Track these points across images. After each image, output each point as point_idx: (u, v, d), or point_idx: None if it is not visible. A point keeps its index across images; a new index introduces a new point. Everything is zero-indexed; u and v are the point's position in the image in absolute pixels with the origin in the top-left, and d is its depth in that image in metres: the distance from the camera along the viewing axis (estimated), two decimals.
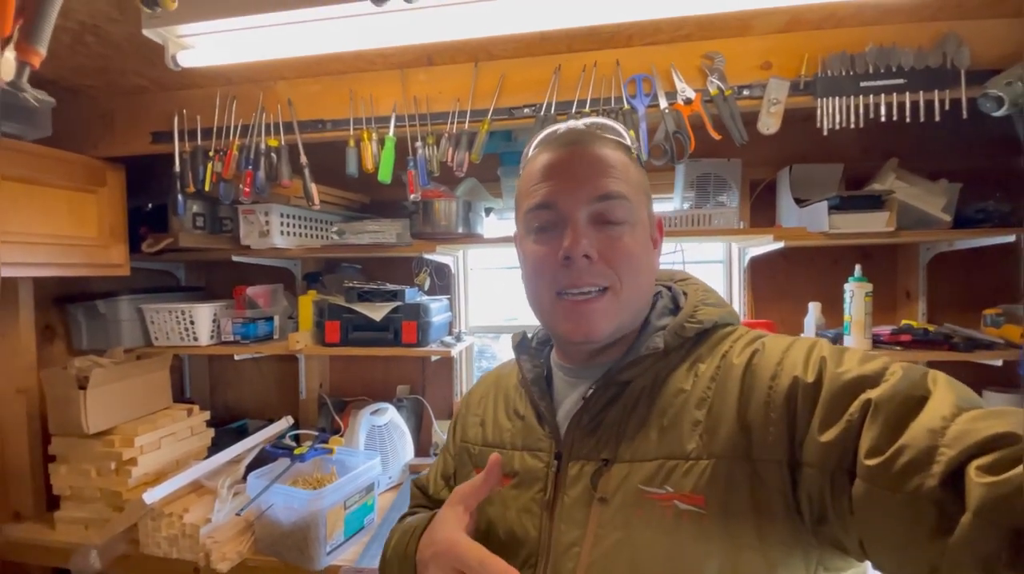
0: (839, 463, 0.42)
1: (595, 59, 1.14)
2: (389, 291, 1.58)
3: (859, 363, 0.46)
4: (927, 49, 1.05)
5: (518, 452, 0.61)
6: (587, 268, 0.54)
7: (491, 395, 0.71)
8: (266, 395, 2.05)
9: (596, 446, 0.54)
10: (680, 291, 0.63)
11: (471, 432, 0.69)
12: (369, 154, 1.24)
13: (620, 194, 0.55)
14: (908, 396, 0.41)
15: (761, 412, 0.48)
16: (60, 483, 1.41)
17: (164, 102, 1.35)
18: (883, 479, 0.39)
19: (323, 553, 1.24)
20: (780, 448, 0.46)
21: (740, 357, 0.52)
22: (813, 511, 0.44)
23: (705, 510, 0.47)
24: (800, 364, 0.48)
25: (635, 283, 0.56)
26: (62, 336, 1.67)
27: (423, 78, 1.23)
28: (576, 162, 0.56)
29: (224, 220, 1.67)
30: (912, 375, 0.43)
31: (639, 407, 0.54)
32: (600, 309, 0.55)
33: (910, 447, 0.38)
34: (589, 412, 0.56)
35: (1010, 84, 0.99)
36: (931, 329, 1.39)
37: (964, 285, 1.62)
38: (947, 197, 1.38)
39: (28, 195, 1.25)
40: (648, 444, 0.52)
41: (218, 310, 1.68)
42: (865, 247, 1.65)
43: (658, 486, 0.49)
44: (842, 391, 0.44)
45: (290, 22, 0.95)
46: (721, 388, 0.51)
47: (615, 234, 0.55)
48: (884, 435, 0.40)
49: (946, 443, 0.37)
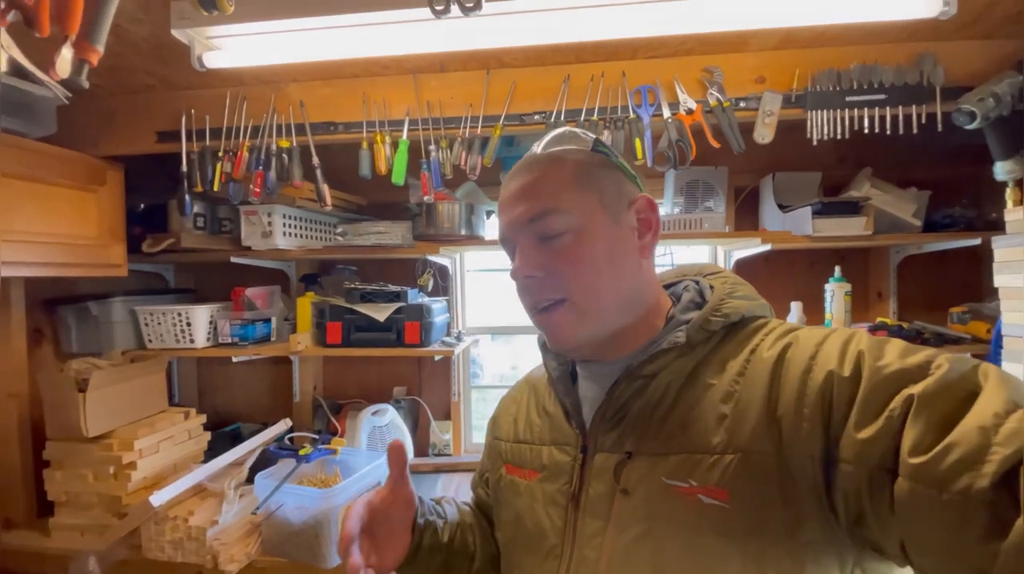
0: (879, 461, 0.41)
1: (603, 70, 1.20)
2: (392, 292, 1.60)
3: (900, 356, 0.44)
4: (905, 67, 1.16)
5: (547, 447, 0.62)
6: (538, 285, 0.56)
7: (525, 394, 0.72)
8: (258, 398, 2.03)
9: (620, 439, 0.55)
10: (707, 285, 0.63)
11: (504, 429, 0.71)
12: (383, 157, 1.27)
13: (548, 210, 0.56)
14: (956, 390, 0.40)
15: (793, 406, 0.46)
16: (55, 489, 1.37)
17: (170, 101, 1.35)
18: (929, 478, 0.37)
19: (334, 551, 1.25)
20: (814, 444, 0.45)
21: (771, 350, 0.51)
22: (849, 511, 0.43)
23: (729, 505, 0.46)
24: (836, 357, 0.47)
25: (595, 287, 0.56)
26: (50, 339, 1.63)
27: (435, 84, 1.27)
28: (515, 190, 0.58)
29: (224, 221, 1.66)
30: (961, 368, 0.41)
31: (664, 401, 0.54)
32: (560, 320, 0.56)
33: (959, 445, 0.37)
34: (613, 405, 0.56)
35: (982, 100, 1.09)
36: (904, 326, 1.50)
37: (931, 285, 1.75)
38: (917, 204, 1.50)
39: (30, 193, 1.23)
40: (673, 437, 0.52)
41: (215, 312, 1.67)
42: (841, 250, 1.76)
43: (682, 479, 0.49)
44: (883, 385, 0.43)
45: (312, 28, 0.98)
46: (750, 382, 0.50)
47: (557, 247, 0.56)
48: (930, 432, 0.39)
49: (999, 441, 0.36)
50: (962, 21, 1.09)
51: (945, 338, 1.49)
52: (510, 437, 0.68)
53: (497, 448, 0.70)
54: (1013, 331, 1.15)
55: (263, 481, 1.31)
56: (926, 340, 1.47)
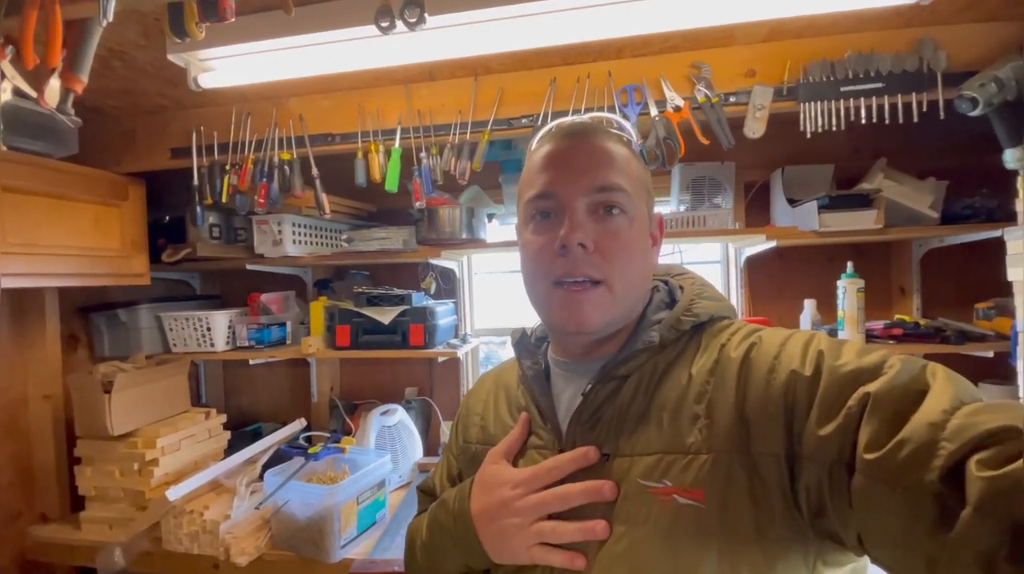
0: (838, 457, 0.42)
1: (588, 71, 1.20)
2: (396, 295, 1.64)
3: (857, 356, 0.46)
4: (904, 54, 1.11)
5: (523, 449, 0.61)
6: (583, 258, 0.54)
7: (492, 394, 0.71)
8: (279, 399, 2.11)
9: (596, 441, 0.55)
10: (677, 286, 0.63)
11: (472, 432, 0.69)
12: (377, 165, 1.31)
13: (619, 186, 0.56)
14: (907, 389, 0.41)
15: (759, 406, 0.48)
16: (85, 484, 1.47)
17: (183, 120, 1.43)
18: (882, 473, 0.39)
19: (337, 546, 1.30)
20: (778, 442, 0.46)
21: (737, 350, 0.52)
22: (811, 505, 0.45)
23: (704, 504, 0.47)
24: (798, 357, 0.48)
25: (629, 277, 0.56)
26: (85, 344, 1.74)
27: (426, 92, 1.30)
28: (577, 152, 0.57)
29: (239, 230, 1.75)
30: (911, 368, 0.43)
31: (637, 401, 0.54)
32: (593, 300, 0.55)
33: (910, 441, 0.38)
34: (588, 408, 0.56)
35: (983, 86, 1.03)
36: (923, 323, 1.43)
37: (957, 280, 1.66)
38: (934, 195, 1.43)
39: (57, 210, 1.33)
40: (647, 438, 0.52)
41: (233, 317, 1.75)
42: (859, 245, 1.70)
43: (657, 480, 0.50)
44: (840, 384, 0.44)
45: (302, 45, 1.02)
46: (720, 382, 0.51)
47: (612, 226, 0.55)
48: (883, 429, 0.40)
49: (946, 437, 0.37)
50: (963, 3, 1.04)
51: (968, 335, 1.41)
52: (482, 439, 0.67)
53: (468, 452, 0.69)
54: None
55: (272, 478, 1.37)
56: (946, 338, 1.39)
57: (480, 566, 0.60)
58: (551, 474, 0.54)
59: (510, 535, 0.55)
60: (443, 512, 0.63)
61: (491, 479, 0.58)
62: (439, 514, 0.64)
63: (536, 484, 0.54)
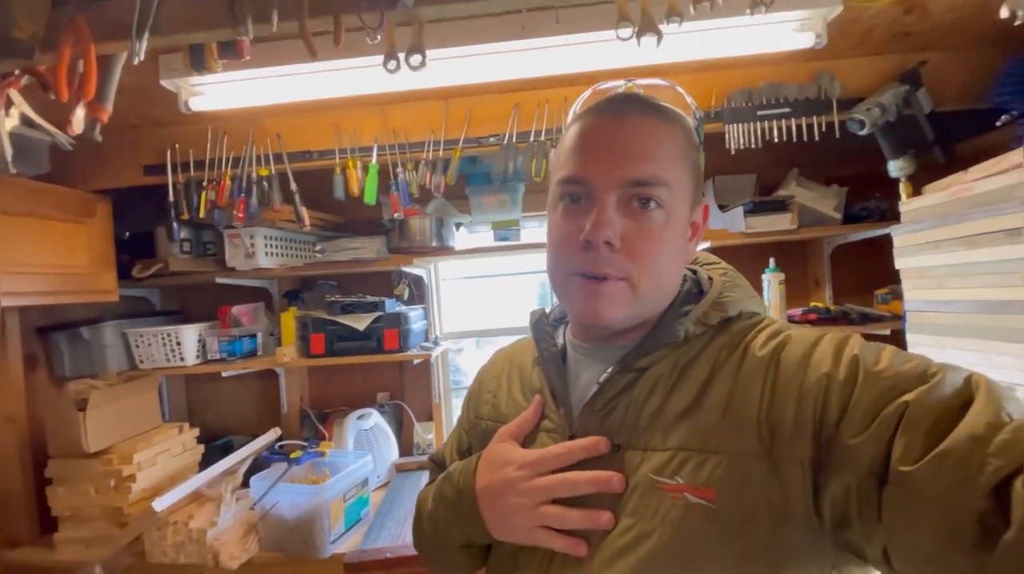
0: (869, 467, 0.40)
1: (547, 96, 1.36)
2: (370, 302, 1.72)
3: (895, 362, 0.44)
4: (807, 83, 1.34)
5: (534, 431, 0.60)
6: (607, 256, 0.51)
7: (505, 372, 0.69)
8: (247, 412, 2.11)
9: (608, 430, 0.53)
10: (705, 276, 0.60)
11: (484, 409, 0.68)
12: (355, 180, 1.40)
13: (659, 179, 0.51)
14: (949, 400, 0.40)
15: (785, 409, 0.46)
16: (59, 505, 1.45)
17: (155, 137, 1.46)
18: (920, 487, 0.37)
19: (328, 542, 1.36)
20: (804, 447, 0.44)
21: (764, 349, 0.50)
22: (835, 515, 0.42)
23: (715, 505, 0.45)
24: (830, 360, 0.46)
25: (656, 278, 0.53)
26: (44, 364, 1.70)
27: (400, 112, 1.41)
28: (617, 135, 0.52)
29: (207, 244, 1.77)
30: (953, 378, 0.41)
31: (655, 395, 0.52)
32: (613, 294, 0.52)
33: (951, 454, 0.37)
34: (603, 397, 0.54)
35: (869, 110, 1.27)
36: (832, 308, 1.68)
37: (860, 271, 1.94)
38: (837, 199, 1.68)
39: (26, 228, 1.33)
40: (662, 433, 0.50)
41: (203, 330, 1.77)
42: (779, 243, 1.94)
43: (669, 477, 0.48)
44: (877, 391, 0.42)
45: (285, 75, 1.11)
46: (744, 381, 0.49)
47: (645, 222, 0.52)
48: (922, 440, 0.38)
49: (992, 453, 0.36)
50: (852, 43, 1.28)
51: (868, 317, 1.67)
52: (492, 416, 0.66)
53: (479, 427, 0.68)
54: (914, 306, 1.33)
55: (258, 482, 1.42)
56: (851, 320, 1.65)
57: (481, 541, 0.60)
58: (559, 459, 0.53)
59: (513, 515, 0.54)
60: (448, 486, 0.62)
61: (498, 458, 0.57)
62: (444, 488, 0.63)
63: (543, 467, 0.53)
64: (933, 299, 1.25)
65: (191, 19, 0.67)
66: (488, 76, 1.15)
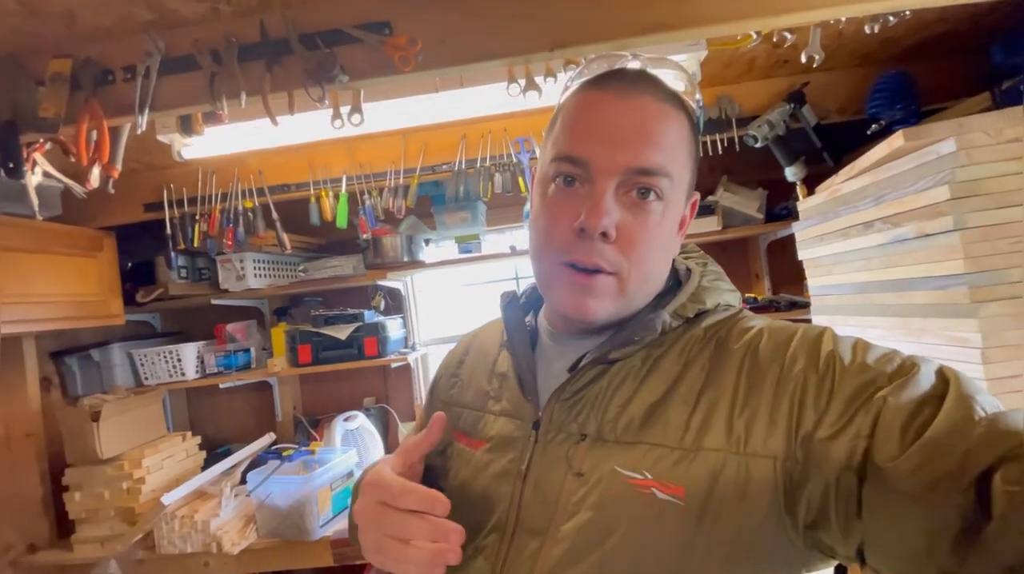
0: (848, 463, 0.40)
1: (490, 128, 1.58)
2: (350, 314, 1.92)
3: (870, 357, 0.44)
4: (709, 105, 1.56)
5: (496, 417, 0.58)
6: (601, 247, 0.49)
7: (471, 355, 0.68)
8: (244, 422, 2.29)
9: (576, 420, 0.51)
10: (683, 266, 0.58)
11: (449, 393, 0.67)
12: (327, 207, 1.61)
13: (665, 171, 0.49)
14: (924, 394, 0.40)
15: (759, 405, 0.45)
16: (75, 508, 1.63)
17: (153, 179, 1.67)
18: (899, 482, 0.37)
19: (317, 526, 1.55)
20: (778, 444, 0.43)
21: (739, 342, 0.49)
22: (810, 512, 0.42)
23: (684, 501, 0.44)
24: (806, 355, 0.46)
25: (645, 275, 0.52)
26: (57, 386, 1.89)
27: (365, 147, 1.63)
28: (624, 116, 0.49)
29: (202, 270, 1.97)
30: (927, 372, 0.41)
31: (625, 387, 0.50)
32: (601, 289, 0.50)
33: (930, 449, 0.37)
34: (573, 386, 0.52)
35: (760, 126, 1.49)
36: (760, 298, 1.89)
37: (793, 263, 2.14)
38: (760, 201, 1.90)
39: (44, 263, 1.53)
40: (631, 426, 0.49)
41: (201, 347, 1.96)
42: (720, 242, 2.15)
43: (638, 471, 0.46)
44: (853, 387, 0.42)
45: (263, 125, 1.32)
46: (716, 375, 0.48)
47: (643, 214, 0.50)
48: (900, 436, 0.38)
49: (972, 447, 0.36)
50: (741, 71, 1.50)
51: (795, 304, 1.87)
52: (456, 402, 0.65)
53: (444, 413, 0.63)
54: (816, 291, 1.53)
55: (255, 476, 1.60)
56: (779, 307, 1.86)
57: None
58: (393, 496, 0.46)
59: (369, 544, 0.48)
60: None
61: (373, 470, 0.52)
62: None
63: (383, 495, 0.47)
64: (827, 284, 1.45)
65: (180, 97, 0.88)
66: (432, 118, 1.37)
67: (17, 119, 0.89)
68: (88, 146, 0.93)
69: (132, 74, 0.90)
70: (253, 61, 0.89)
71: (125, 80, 0.91)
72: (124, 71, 0.91)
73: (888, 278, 1.19)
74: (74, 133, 0.90)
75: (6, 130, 0.89)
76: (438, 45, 0.86)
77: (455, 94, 1.23)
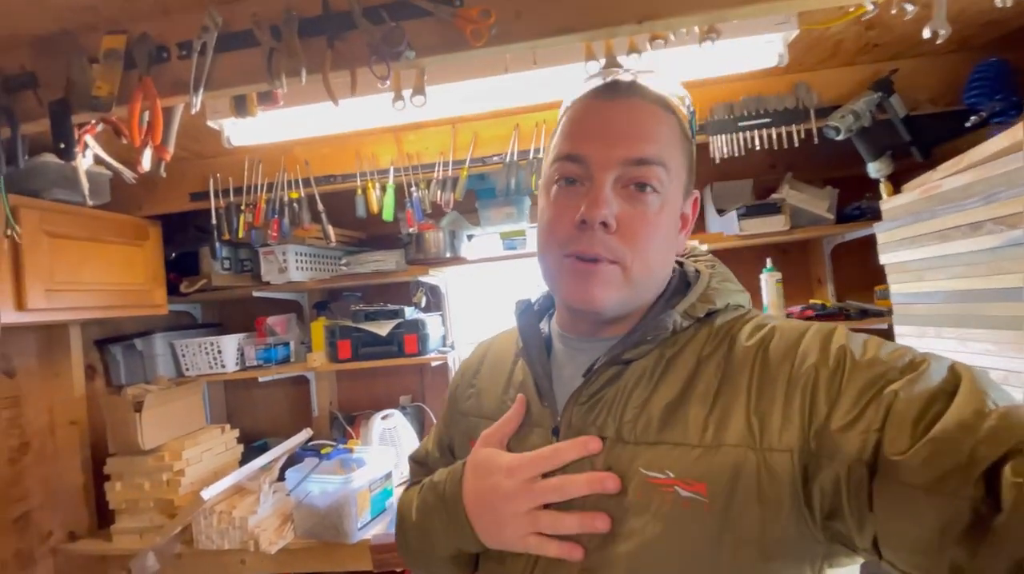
0: (859, 456, 0.40)
1: (544, 117, 1.50)
2: (391, 310, 1.87)
3: (881, 352, 0.44)
4: (784, 94, 1.44)
5: None
6: (602, 237, 0.50)
7: (487, 364, 0.68)
8: (281, 416, 2.28)
9: (594, 423, 0.52)
10: (692, 268, 0.60)
11: (466, 404, 0.67)
12: (374, 199, 1.56)
13: (658, 160, 0.51)
14: (935, 388, 0.40)
15: (773, 400, 0.46)
16: (116, 498, 1.62)
17: (199, 168, 1.65)
18: (910, 475, 0.37)
19: (356, 529, 1.49)
20: (793, 437, 0.44)
21: (750, 341, 0.50)
22: (824, 505, 0.42)
23: (707, 498, 0.45)
24: (817, 351, 0.46)
25: (648, 264, 0.53)
26: (101, 374, 1.89)
27: (413, 138, 1.57)
28: (617, 115, 0.52)
29: (244, 262, 1.95)
30: (938, 367, 0.42)
31: (641, 387, 0.51)
32: (605, 277, 0.51)
33: (940, 442, 0.37)
34: (589, 389, 0.53)
35: (843, 117, 1.36)
36: (828, 304, 1.76)
37: (861, 268, 1.98)
38: (830, 200, 1.76)
39: (91, 251, 1.52)
40: (650, 426, 0.49)
41: (241, 340, 1.94)
42: (780, 244, 2.02)
43: (659, 470, 0.47)
44: (864, 381, 0.43)
45: (312, 111, 1.27)
46: (729, 373, 0.49)
47: (641, 206, 0.51)
48: (911, 429, 0.38)
49: (982, 440, 0.36)
50: (823, 56, 1.37)
51: (867, 312, 1.73)
52: (475, 411, 0.65)
53: (461, 423, 0.67)
54: (900, 299, 1.40)
55: (293, 474, 1.56)
56: (849, 315, 1.72)
57: (472, 550, 0.57)
58: (548, 462, 0.51)
59: (504, 523, 0.52)
60: (433, 494, 0.60)
61: (484, 464, 0.55)
62: (428, 496, 0.61)
63: (532, 471, 0.51)
64: (914, 291, 1.32)
65: (236, 76, 0.83)
66: (488, 105, 1.29)
67: (70, 98, 0.85)
68: (140, 127, 0.89)
69: (188, 51, 0.85)
70: (314, 36, 0.83)
71: (180, 57, 0.87)
72: (179, 48, 0.86)
73: (997, 286, 1.06)
74: (127, 113, 0.86)
75: (59, 109, 0.86)
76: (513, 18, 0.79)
77: (507, 80, 1.15)
